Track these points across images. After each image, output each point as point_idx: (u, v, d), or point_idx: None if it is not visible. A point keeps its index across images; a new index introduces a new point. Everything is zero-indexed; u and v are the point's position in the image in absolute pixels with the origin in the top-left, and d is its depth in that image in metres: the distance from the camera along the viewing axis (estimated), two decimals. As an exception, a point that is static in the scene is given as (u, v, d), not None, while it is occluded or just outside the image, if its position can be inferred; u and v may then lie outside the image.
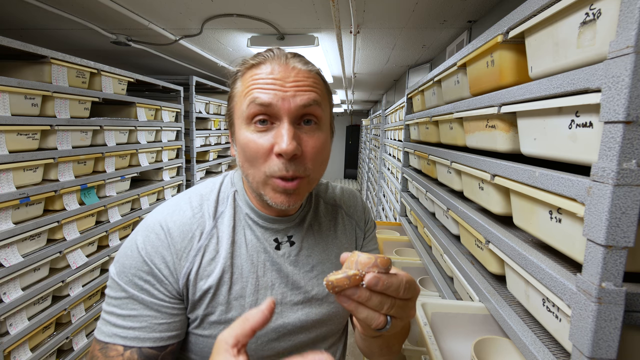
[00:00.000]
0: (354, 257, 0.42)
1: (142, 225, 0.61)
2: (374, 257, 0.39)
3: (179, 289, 0.59)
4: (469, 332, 0.87)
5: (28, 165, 1.54)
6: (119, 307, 0.56)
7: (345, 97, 5.78)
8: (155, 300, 0.57)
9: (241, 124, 0.58)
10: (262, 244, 0.64)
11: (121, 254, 0.59)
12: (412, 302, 0.45)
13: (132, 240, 0.59)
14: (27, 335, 1.52)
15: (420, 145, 1.71)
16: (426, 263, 1.38)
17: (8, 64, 1.59)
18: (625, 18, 0.45)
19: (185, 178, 3.03)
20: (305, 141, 0.57)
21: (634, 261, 0.54)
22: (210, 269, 0.60)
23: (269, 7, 1.80)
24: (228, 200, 0.66)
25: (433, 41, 2.31)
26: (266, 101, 0.54)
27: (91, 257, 1.93)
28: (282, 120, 0.55)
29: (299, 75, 0.57)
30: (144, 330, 0.56)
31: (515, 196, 0.78)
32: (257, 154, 0.56)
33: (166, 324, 0.57)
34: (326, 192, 0.78)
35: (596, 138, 0.53)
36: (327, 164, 0.64)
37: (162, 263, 0.57)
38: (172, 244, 0.59)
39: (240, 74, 0.60)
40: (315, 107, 0.57)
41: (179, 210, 0.62)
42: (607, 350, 0.48)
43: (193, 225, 0.61)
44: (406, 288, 0.43)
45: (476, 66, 0.99)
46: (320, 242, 0.69)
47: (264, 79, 0.56)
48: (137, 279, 0.56)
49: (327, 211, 0.75)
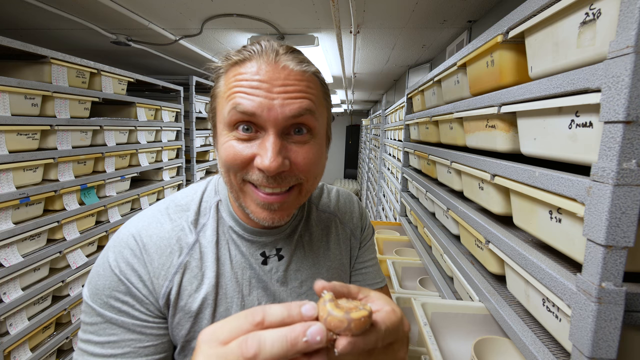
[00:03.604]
0: (323, 309, 0.33)
1: (114, 240, 0.54)
2: (346, 321, 0.31)
3: (160, 307, 0.53)
4: (469, 332, 0.87)
5: (28, 165, 1.54)
6: (96, 334, 0.50)
7: (345, 97, 5.78)
8: (136, 322, 0.51)
9: (223, 129, 0.51)
10: (247, 259, 0.58)
11: (93, 274, 0.52)
12: (398, 344, 0.37)
13: (103, 258, 0.53)
14: (27, 335, 1.52)
15: (420, 145, 1.71)
16: (426, 263, 1.38)
17: (8, 64, 1.59)
18: (625, 18, 0.45)
19: (185, 178, 3.03)
20: (295, 152, 0.50)
21: (634, 261, 0.54)
22: (192, 288, 0.54)
23: (269, 7, 1.80)
24: (210, 211, 0.59)
25: (433, 41, 2.31)
26: (249, 110, 0.47)
27: (91, 257, 1.93)
28: (268, 131, 0.48)
29: (290, 77, 0.49)
30: (128, 357, 0.49)
31: (515, 196, 0.78)
32: (234, 161, 0.49)
33: (153, 347, 0.52)
34: (320, 198, 0.72)
35: (596, 138, 0.53)
36: (322, 175, 0.57)
37: (139, 281, 0.51)
38: (149, 261, 0.52)
39: (223, 70, 0.52)
40: (307, 117, 0.49)
41: (155, 222, 0.55)
42: (607, 350, 0.48)
43: (172, 239, 0.55)
44: (387, 336, 0.35)
45: (476, 66, 0.99)
46: (310, 255, 0.64)
47: (248, 81, 0.48)
48: (113, 301, 0.50)
49: (320, 220, 0.68)
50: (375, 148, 4.85)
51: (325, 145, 0.58)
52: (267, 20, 2.00)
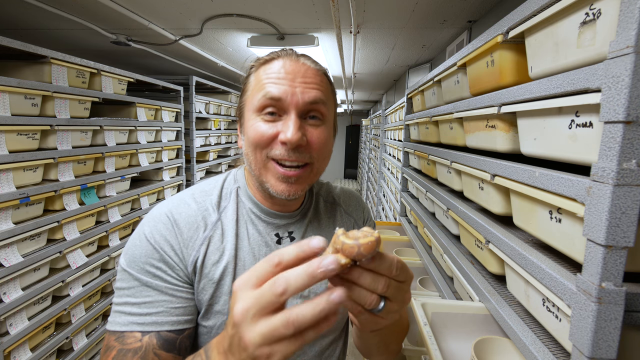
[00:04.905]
0: (338, 242, 0.40)
1: (149, 216, 0.63)
2: (356, 246, 0.38)
3: (189, 274, 0.61)
4: (469, 332, 0.87)
5: (28, 165, 1.54)
6: (133, 296, 0.57)
7: (345, 97, 5.78)
8: (169, 285, 0.58)
9: (251, 115, 0.61)
10: (263, 238, 0.67)
11: (130, 245, 0.61)
12: (407, 284, 0.45)
13: (139, 232, 0.61)
14: (27, 335, 1.52)
15: (420, 145, 1.71)
16: (426, 263, 1.38)
17: (8, 64, 1.59)
18: (625, 18, 0.45)
19: (185, 178, 3.03)
20: (310, 132, 0.60)
21: (634, 261, 0.54)
22: (214, 259, 0.62)
23: (269, 7, 1.80)
24: (231, 195, 0.68)
25: (433, 41, 2.31)
26: (276, 95, 0.58)
27: (91, 257, 1.93)
28: (290, 113, 0.58)
29: (308, 72, 0.60)
30: (161, 315, 0.57)
31: (515, 196, 0.78)
32: (262, 137, 0.59)
33: (182, 308, 0.59)
34: (326, 191, 0.80)
35: (596, 138, 0.53)
36: (330, 159, 0.66)
37: (171, 250, 0.60)
38: (179, 233, 0.61)
39: (255, 69, 0.64)
40: (320, 105, 0.61)
41: (183, 203, 0.65)
42: (607, 350, 0.48)
43: (198, 217, 0.64)
44: (398, 268, 0.42)
45: (476, 66, 0.99)
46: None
47: (275, 73, 0.59)
48: (148, 267, 0.58)
49: (326, 209, 0.77)
50: (375, 148, 4.85)
51: (332, 134, 0.67)
52: (267, 20, 2.00)
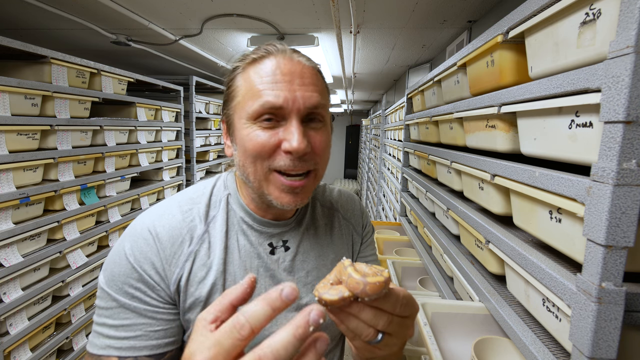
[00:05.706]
0: (344, 273, 0.37)
1: (129, 230, 0.58)
2: (362, 283, 0.35)
3: (171, 294, 0.56)
4: (469, 332, 0.87)
5: (28, 165, 1.54)
6: (111, 318, 0.54)
7: (345, 97, 5.78)
8: (148, 307, 0.54)
9: (244, 123, 0.56)
10: (255, 249, 0.62)
11: (109, 261, 0.56)
12: (410, 319, 0.42)
13: (119, 247, 0.57)
14: (27, 335, 1.52)
15: (420, 145, 1.71)
16: (426, 263, 1.38)
17: (8, 64, 1.59)
18: (625, 18, 0.45)
19: (185, 178, 3.03)
20: (313, 137, 0.57)
21: (634, 261, 0.54)
22: (201, 275, 0.57)
23: (269, 7, 1.80)
24: (220, 204, 0.63)
25: (433, 41, 2.31)
26: (277, 104, 0.53)
27: (91, 257, 1.93)
28: (291, 119, 0.54)
29: (305, 72, 0.56)
30: (139, 339, 0.53)
31: (515, 196, 0.78)
32: (262, 148, 0.54)
33: (162, 331, 0.55)
34: (323, 194, 0.76)
35: (596, 138, 0.53)
36: (328, 163, 0.63)
37: (152, 269, 0.55)
38: (161, 249, 0.56)
39: (241, 70, 0.58)
40: (321, 109, 0.57)
41: (167, 214, 0.60)
42: (607, 350, 0.48)
43: (183, 229, 0.59)
44: (403, 304, 0.39)
45: (476, 66, 0.99)
46: (316, 246, 0.68)
47: (270, 76, 0.54)
48: (127, 287, 0.54)
49: (324, 214, 0.72)
50: (375, 148, 4.85)
51: (331, 135, 0.64)
52: (267, 20, 2.00)
